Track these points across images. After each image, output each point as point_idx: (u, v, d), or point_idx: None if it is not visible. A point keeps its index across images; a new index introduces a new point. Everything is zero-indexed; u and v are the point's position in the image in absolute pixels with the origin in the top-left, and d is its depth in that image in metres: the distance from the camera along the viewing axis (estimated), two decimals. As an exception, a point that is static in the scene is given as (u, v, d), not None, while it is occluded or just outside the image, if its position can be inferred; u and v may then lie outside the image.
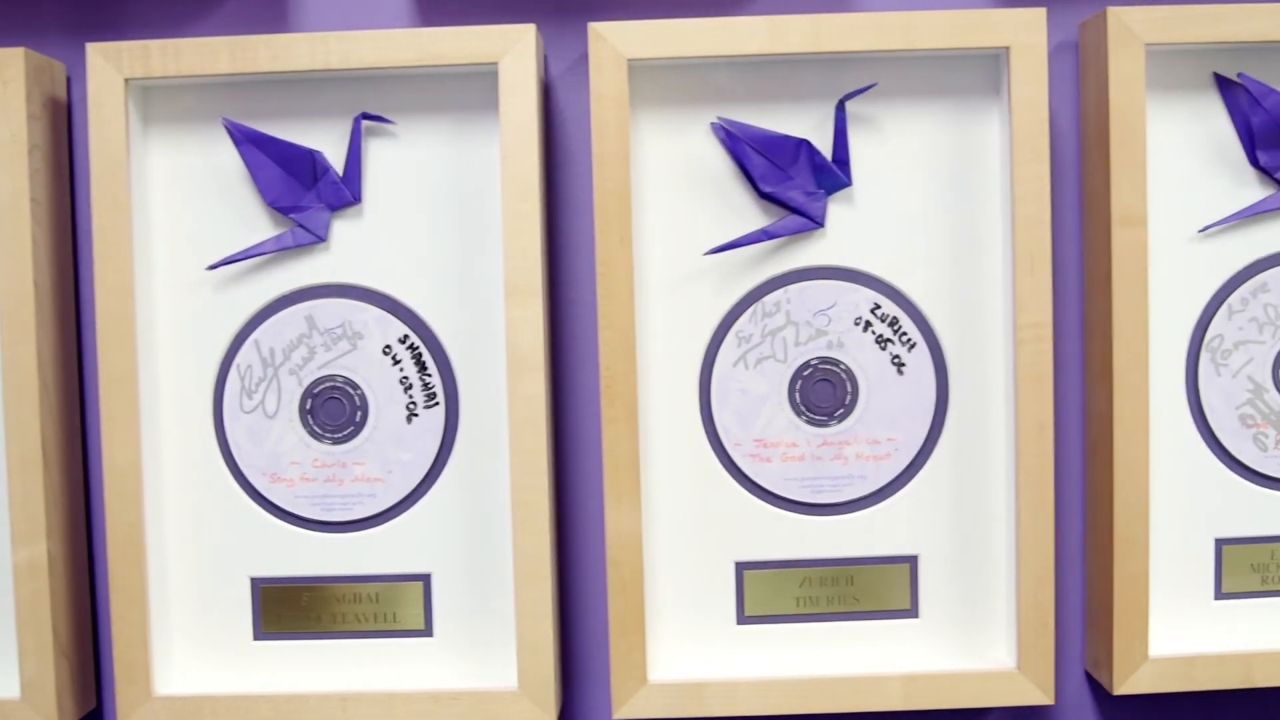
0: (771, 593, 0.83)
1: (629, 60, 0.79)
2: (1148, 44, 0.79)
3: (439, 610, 0.83)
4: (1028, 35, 0.79)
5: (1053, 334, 0.82)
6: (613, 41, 0.78)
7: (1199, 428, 0.84)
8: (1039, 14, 0.79)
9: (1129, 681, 0.81)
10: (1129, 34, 0.79)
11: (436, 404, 0.82)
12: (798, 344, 0.82)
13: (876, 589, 0.83)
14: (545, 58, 0.84)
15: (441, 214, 0.81)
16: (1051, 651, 0.80)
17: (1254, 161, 0.83)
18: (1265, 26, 0.79)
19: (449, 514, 0.83)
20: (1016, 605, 0.81)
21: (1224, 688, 0.82)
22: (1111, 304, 0.80)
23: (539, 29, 0.81)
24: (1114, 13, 0.79)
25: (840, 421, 0.83)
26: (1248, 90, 0.81)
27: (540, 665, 0.80)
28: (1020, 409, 0.80)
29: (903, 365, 0.83)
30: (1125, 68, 0.79)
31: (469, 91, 0.81)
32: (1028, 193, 0.79)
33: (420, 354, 0.82)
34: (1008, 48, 0.79)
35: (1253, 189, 0.83)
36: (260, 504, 0.83)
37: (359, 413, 0.82)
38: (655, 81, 0.81)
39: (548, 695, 0.80)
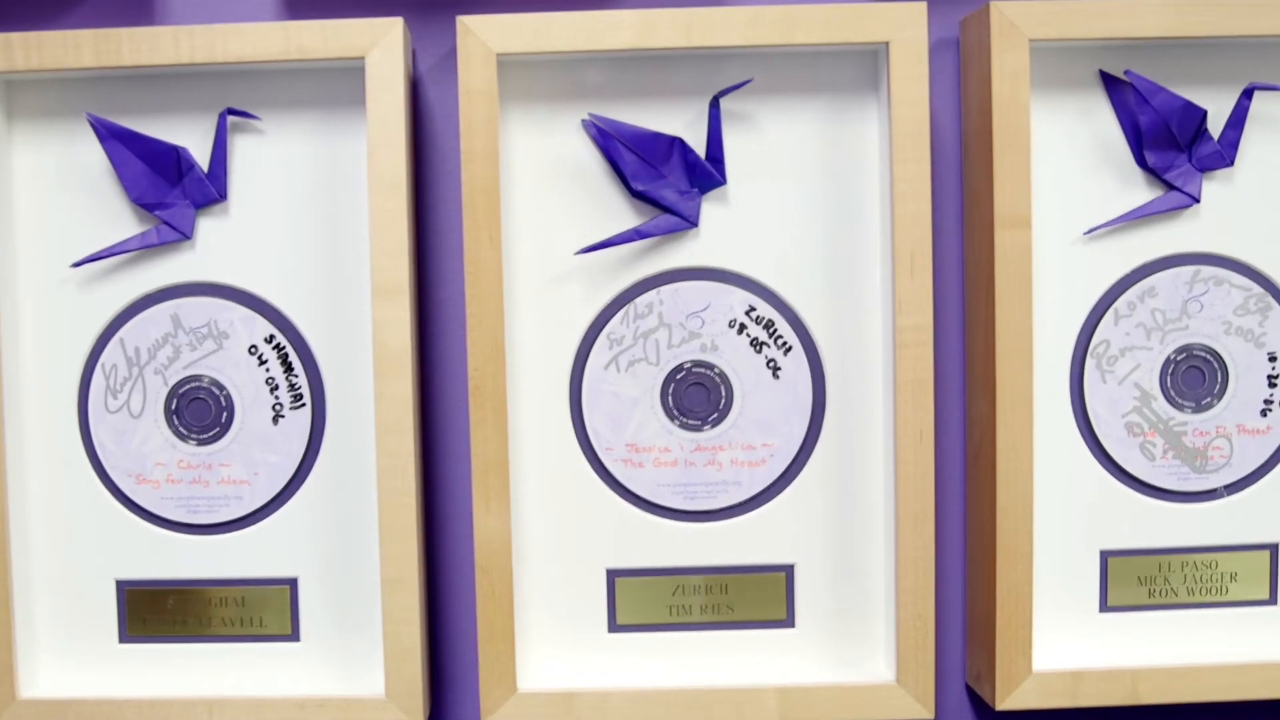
0: (644, 601, 0.81)
1: (498, 55, 0.77)
2: (1032, 40, 0.77)
3: (305, 615, 0.81)
4: (908, 30, 0.77)
5: (933, 338, 0.80)
6: (482, 35, 0.77)
7: (1084, 436, 0.82)
8: (919, 8, 0.77)
9: (1012, 696, 0.80)
10: (1013, 29, 0.77)
11: (303, 405, 0.80)
12: (670, 346, 0.80)
13: (752, 598, 0.82)
14: (414, 52, 0.82)
15: (308, 211, 0.80)
16: (932, 664, 0.79)
17: (1141, 162, 0.80)
18: (1152, 22, 0.77)
19: (316, 517, 0.81)
20: (896, 617, 0.79)
21: (1109, 704, 0.80)
22: (994, 308, 0.78)
23: (407, 23, 0.79)
24: (997, 7, 0.77)
25: (714, 426, 0.81)
26: (1135, 89, 0.79)
27: (408, 672, 0.78)
28: (900, 415, 0.78)
29: (778, 369, 0.81)
30: (1009, 64, 0.77)
31: (336, 86, 0.79)
32: (908, 192, 0.77)
33: (286, 354, 0.80)
34: (887, 43, 0.77)
35: (1140, 190, 0.81)
36: (126, 505, 0.81)
37: (225, 413, 0.80)
38: (526, 77, 0.79)
39: (415, 703, 0.78)
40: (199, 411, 0.81)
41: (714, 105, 0.79)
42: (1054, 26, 0.77)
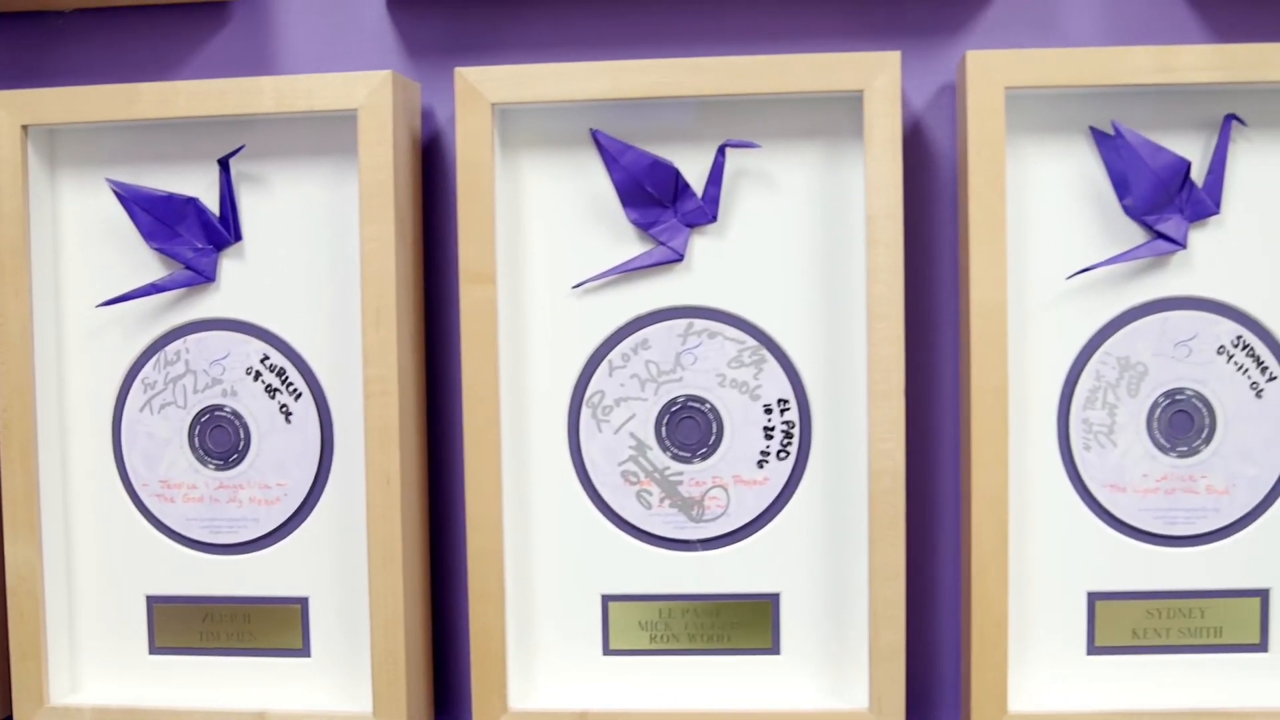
0: (179, 627, 0.88)
1: (23, 126, 0.85)
2: (494, 103, 0.81)
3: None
4: (375, 97, 0.81)
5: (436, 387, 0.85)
6: (9, 108, 0.85)
7: (582, 483, 0.85)
8: (384, 77, 0.81)
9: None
10: (475, 94, 0.81)
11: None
12: (196, 391, 0.87)
13: (270, 628, 0.87)
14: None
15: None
16: (403, 697, 0.83)
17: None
18: (606, 84, 0.80)
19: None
20: (370, 654, 0.83)
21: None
22: (461, 361, 0.82)
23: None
24: (461, 74, 0.81)
25: (234, 466, 0.87)
26: (604, 148, 0.82)
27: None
28: (369, 461, 0.82)
29: (290, 413, 0.86)
30: (472, 127, 0.81)
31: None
32: (374, 251, 0.82)
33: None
34: (356, 109, 0.82)
35: (632, 244, 0.83)
36: None
37: None
38: (73, 144, 0.87)
39: (-42, 711, 0.87)
40: None
41: (224, 169, 0.85)
42: (517, 90, 0.81)
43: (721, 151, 0.81)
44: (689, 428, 0.84)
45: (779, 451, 0.83)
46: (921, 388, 0.84)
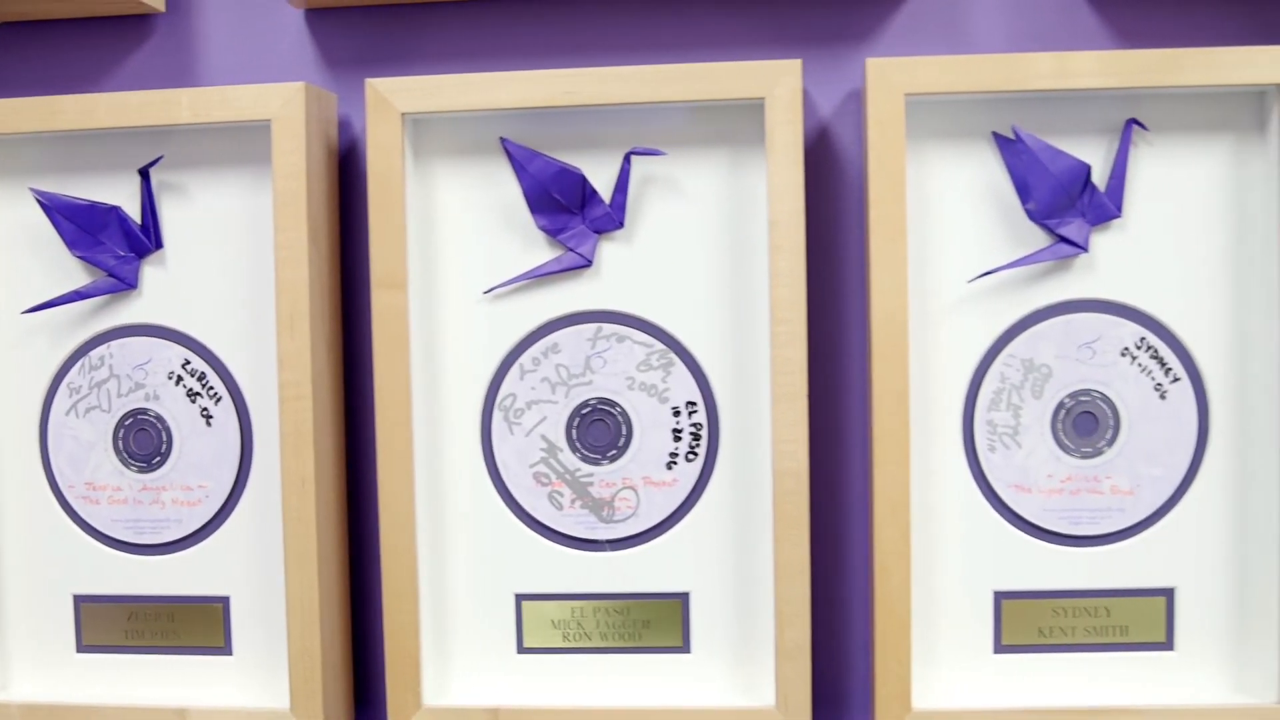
0: (105, 626, 0.90)
1: (-51, 136, 0.87)
2: (404, 113, 0.82)
3: None
4: (286, 107, 0.83)
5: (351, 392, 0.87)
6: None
7: (495, 485, 0.86)
8: (297, 89, 0.83)
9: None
10: (386, 104, 0.83)
11: None
12: (120, 395, 0.89)
13: (192, 626, 0.89)
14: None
15: None
16: (319, 694, 0.84)
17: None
18: (514, 94, 0.81)
19: None
20: (287, 652, 0.85)
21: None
22: (374, 366, 0.83)
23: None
24: (371, 85, 0.83)
25: (157, 468, 0.89)
26: (513, 157, 0.83)
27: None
28: (284, 465, 0.84)
29: (210, 417, 0.88)
30: (380, 138, 0.83)
31: None
32: (288, 259, 0.83)
33: None
34: (270, 120, 0.83)
35: (542, 251, 0.85)
36: None
37: None
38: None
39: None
40: None
41: (144, 178, 0.87)
42: (427, 100, 0.82)
43: (628, 159, 0.83)
44: (599, 430, 0.85)
45: (687, 453, 0.85)
46: (831, 390, 0.86)
